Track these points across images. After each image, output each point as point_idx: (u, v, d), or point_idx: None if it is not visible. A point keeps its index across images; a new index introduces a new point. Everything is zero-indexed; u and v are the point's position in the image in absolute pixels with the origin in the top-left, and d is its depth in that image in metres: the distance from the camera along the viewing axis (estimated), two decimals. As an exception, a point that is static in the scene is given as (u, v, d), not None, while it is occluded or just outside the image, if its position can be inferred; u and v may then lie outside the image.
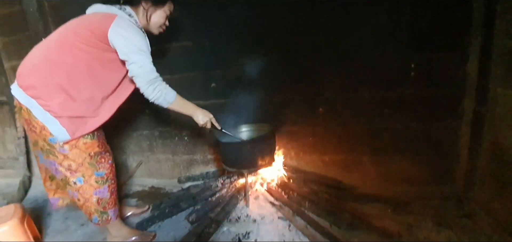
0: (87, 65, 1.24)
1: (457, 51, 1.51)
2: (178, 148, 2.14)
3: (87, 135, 1.30)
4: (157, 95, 1.28)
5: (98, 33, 1.22)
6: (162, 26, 1.42)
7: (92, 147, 1.32)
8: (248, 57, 1.80)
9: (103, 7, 1.30)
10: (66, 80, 1.22)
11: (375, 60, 1.62)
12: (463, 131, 1.59)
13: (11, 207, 1.47)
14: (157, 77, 1.28)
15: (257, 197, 1.70)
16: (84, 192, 1.35)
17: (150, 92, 1.27)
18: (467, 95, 1.54)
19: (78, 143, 1.29)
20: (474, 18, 1.44)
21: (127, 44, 1.22)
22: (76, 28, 1.25)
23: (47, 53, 1.23)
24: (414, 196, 1.64)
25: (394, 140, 1.72)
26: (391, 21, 1.55)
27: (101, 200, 1.39)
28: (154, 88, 1.27)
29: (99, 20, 1.25)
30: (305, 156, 1.91)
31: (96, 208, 1.39)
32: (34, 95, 1.20)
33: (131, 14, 1.31)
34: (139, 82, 1.26)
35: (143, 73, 1.25)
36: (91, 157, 1.32)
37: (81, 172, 1.32)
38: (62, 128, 1.23)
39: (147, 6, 1.34)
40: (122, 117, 2.19)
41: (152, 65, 1.28)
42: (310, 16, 1.65)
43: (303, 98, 1.79)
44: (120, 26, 1.22)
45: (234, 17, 1.75)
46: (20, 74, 1.24)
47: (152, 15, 1.35)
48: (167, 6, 1.38)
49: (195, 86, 1.93)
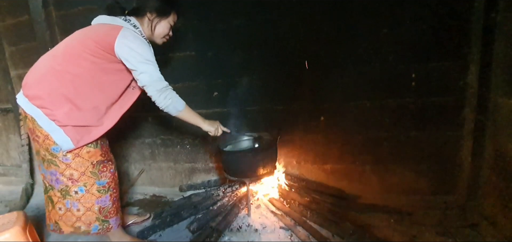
0: (93, 75, 1.26)
1: (457, 61, 1.52)
2: (180, 156, 2.15)
3: (90, 144, 1.31)
4: (167, 103, 1.31)
5: (104, 45, 1.24)
6: (166, 37, 1.45)
7: (95, 156, 1.33)
8: (250, 67, 1.83)
9: (108, 19, 1.33)
10: (71, 90, 1.24)
11: (376, 70, 1.64)
12: (464, 141, 1.59)
13: (14, 215, 1.47)
14: (167, 86, 1.31)
15: (259, 206, 1.70)
16: (86, 202, 1.35)
17: (161, 100, 1.30)
18: (468, 104, 1.55)
19: (81, 152, 1.30)
20: (473, 29, 1.46)
21: (134, 55, 1.25)
22: (83, 39, 1.27)
23: (54, 64, 1.26)
24: (416, 206, 1.63)
25: (395, 150, 1.72)
26: (391, 32, 1.57)
27: (103, 209, 1.39)
28: (165, 96, 1.30)
29: (105, 31, 1.28)
30: (306, 165, 1.91)
31: (98, 216, 1.38)
32: (40, 104, 1.22)
33: (136, 25, 1.34)
34: (150, 91, 1.29)
35: (153, 82, 1.28)
36: (93, 166, 1.33)
37: (83, 181, 1.32)
38: (67, 137, 1.24)
39: (152, 17, 1.36)
40: (125, 125, 2.21)
41: (160, 74, 1.31)
42: (312, 27, 1.68)
43: (305, 107, 1.80)
44: (126, 38, 1.25)
45: (237, 29, 1.79)
46: (26, 84, 1.26)
47: (157, 25, 1.38)
48: (171, 17, 1.41)
49: (198, 95, 1.96)
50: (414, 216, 1.55)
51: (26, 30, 2.17)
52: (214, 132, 1.48)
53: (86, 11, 1.96)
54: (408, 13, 1.53)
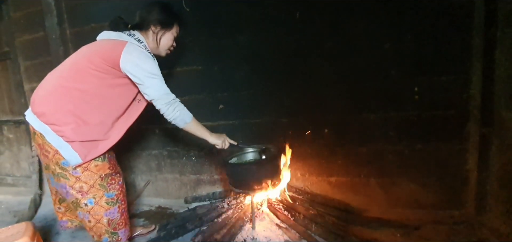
0: (99, 91, 1.29)
1: (459, 75, 1.54)
2: (185, 168, 2.17)
3: (98, 158, 1.32)
4: (176, 116, 1.34)
5: (109, 60, 1.27)
6: (170, 48, 1.48)
7: (103, 169, 1.34)
8: (255, 81, 1.87)
9: (113, 34, 1.35)
10: (78, 106, 1.25)
11: (379, 84, 1.66)
12: (470, 154, 1.59)
13: (22, 226, 1.50)
14: (174, 99, 1.35)
15: (263, 219, 1.69)
16: (95, 214, 1.36)
17: (170, 113, 1.33)
18: (472, 118, 1.55)
19: (90, 165, 1.30)
20: (474, 43, 1.48)
21: (140, 70, 1.28)
22: (89, 55, 1.29)
23: (61, 81, 1.28)
24: (423, 220, 1.61)
25: (401, 163, 1.71)
26: (393, 46, 1.60)
27: (112, 221, 1.39)
28: (173, 109, 1.33)
29: (111, 47, 1.30)
30: (311, 177, 1.91)
31: (107, 229, 1.39)
32: (48, 121, 1.24)
33: (140, 39, 1.37)
34: (158, 104, 1.32)
35: (160, 96, 1.31)
36: (102, 179, 1.34)
37: (92, 193, 1.33)
38: (74, 153, 1.25)
39: (157, 29, 1.40)
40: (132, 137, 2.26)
41: (166, 87, 1.34)
42: (315, 42, 1.72)
43: (309, 120, 1.82)
44: (131, 53, 1.27)
45: (242, 44, 1.84)
46: (34, 101, 1.28)
47: (162, 38, 1.42)
48: (174, 29, 1.45)
49: (204, 108, 2.00)
50: (421, 231, 1.53)
51: (41, 46, 2.27)
52: (221, 145, 1.50)
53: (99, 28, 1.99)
54: (410, 28, 1.56)
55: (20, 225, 1.49)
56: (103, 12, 2.03)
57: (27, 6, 2.28)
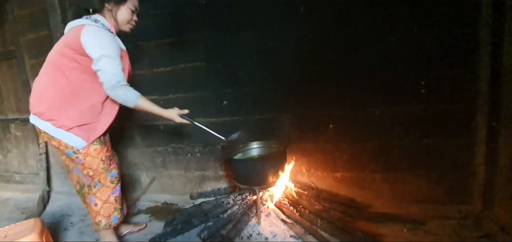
0: (80, 78, 1.35)
1: (467, 68, 1.51)
2: (190, 164, 2.18)
3: (96, 142, 1.42)
4: (120, 99, 1.36)
5: (75, 48, 1.32)
6: (130, 22, 1.46)
7: (103, 152, 1.45)
8: (259, 76, 1.86)
9: (74, 22, 1.40)
10: (67, 97, 1.35)
11: (384, 78, 1.64)
12: (478, 148, 1.56)
13: (31, 222, 1.52)
14: (118, 83, 1.32)
15: (269, 214, 1.70)
16: (102, 195, 1.49)
17: (113, 96, 1.35)
18: (480, 111, 1.53)
19: (89, 150, 1.41)
20: (482, 36, 1.46)
21: (92, 50, 1.30)
22: (59, 48, 1.36)
23: (47, 79, 1.37)
24: (430, 215, 1.60)
25: (407, 158, 1.70)
26: (399, 40, 1.58)
27: (118, 197, 1.54)
28: (115, 93, 1.34)
29: (72, 34, 1.35)
30: (316, 173, 1.91)
31: (115, 206, 1.54)
32: (46, 118, 1.35)
33: (97, 19, 1.38)
34: (104, 87, 1.34)
35: (105, 79, 1.31)
36: (103, 162, 1.45)
37: (97, 177, 1.46)
38: (77, 138, 1.37)
39: (110, 6, 1.40)
40: (138, 133, 2.28)
41: (117, 68, 1.33)
42: (320, 36, 1.71)
43: (314, 115, 1.82)
44: (87, 34, 1.31)
45: (246, 40, 1.83)
46: (31, 105, 1.39)
47: (118, 13, 1.41)
48: (130, 2, 1.42)
49: (208, 104, 2.00)
50: (428, 226, 1.52)
51: (46, 44, 2.26)
52: (173, 117, 1.45)
53: (103, 25, 2.05)
54: (416, 21, 1.54)
55: (28, 222, 1.52)
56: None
57: (31, 5, 2.30)
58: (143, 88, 2.12)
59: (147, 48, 2.05)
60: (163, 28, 1.99)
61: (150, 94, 2.12)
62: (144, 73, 2.09)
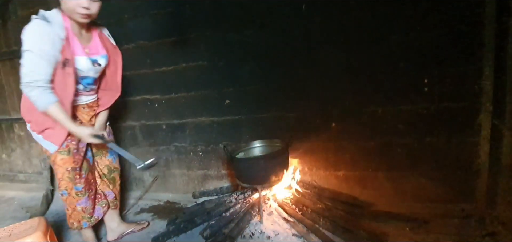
0: None
1: (470, 66, 1.50)
2: (193, 163, 2.19)
3: (63, 151, 1.43)
4: (32, 99, 1.29)
5: None
6: (80, 10, 1.30)
7: (68, 163, 1.46)
8: (261, 75, 1.86)
9: None
10: (29, 103, 1.34)
11: (387, 76, 1.63)
12: (481, 147, 1.55)
13: (35, 221, 1.53)
14: (34, 81, 1.25)
15: (271, 213, 1.70)
16: (70, 203, 1.55)
17: (26, 93, 1.29)
18: (484, 109, 1.51)
19: (56, 159, 1.44)
20: (486, 34, 1.44)
21: (22, 45, 1.25)
22: None
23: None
24: (433, 214, 1.59)
25: (409, 156, 1.69)
26: (401, 38, 1.57)
27: (85, 208, 1.57)
28: (28, 91, 1.27)
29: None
30: (319, 171, 1.91)
31: (83, 215, 1.58)
32: (26, 120, 1.45)
33: (45, 16, 1.31)
34: (21, 82, 1.28)
35: (22, 74, 1.26)
36: (68, 172, 1.47)
37: (64, 185, 1.50)
38: (47, 141, 1.41)
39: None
40: (140, 132, 2.28)
41: (37, 66, 1.24)
42: (322, 35, 1.70)
43: (316, 114, 1.81)
44: (24, 30, 1.26)
45: (248, 38, 1.83)
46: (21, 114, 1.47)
47: (62, 1, 1.32)
48: None
49: (210, 103, 2.00)
50: (431, 225, 1.52)
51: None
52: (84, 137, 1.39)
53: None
54: (419, 18, 1.52)
55: (33, 221, 1.53)
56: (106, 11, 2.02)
57: (33, 5, 2.30)
58: (145, 87, 2.15)
59: (149, 48, 2.05)
60: (165, 27, 1.99)
61: (152, 93, 2.14)
62: (146, 72, 2.09)
